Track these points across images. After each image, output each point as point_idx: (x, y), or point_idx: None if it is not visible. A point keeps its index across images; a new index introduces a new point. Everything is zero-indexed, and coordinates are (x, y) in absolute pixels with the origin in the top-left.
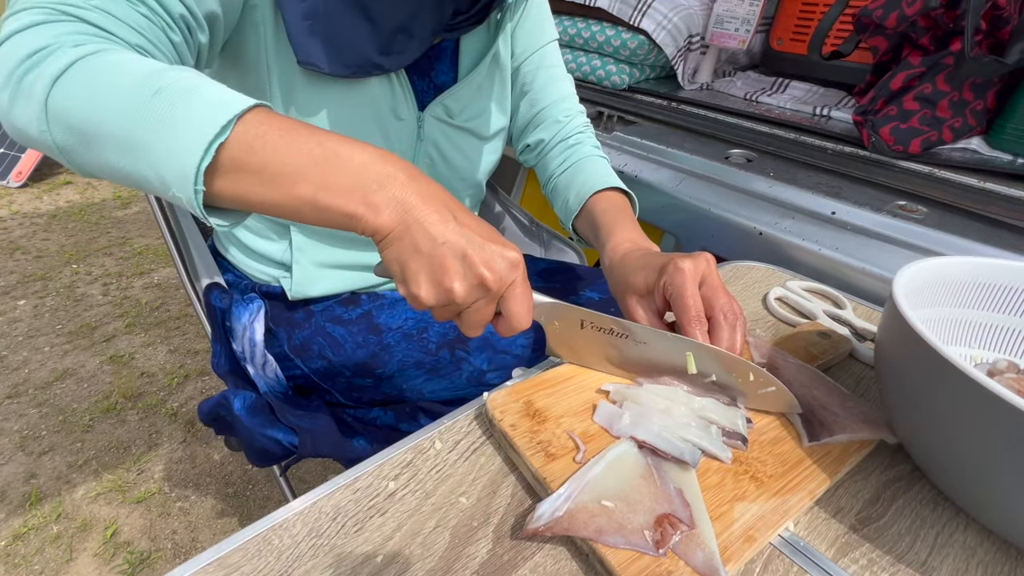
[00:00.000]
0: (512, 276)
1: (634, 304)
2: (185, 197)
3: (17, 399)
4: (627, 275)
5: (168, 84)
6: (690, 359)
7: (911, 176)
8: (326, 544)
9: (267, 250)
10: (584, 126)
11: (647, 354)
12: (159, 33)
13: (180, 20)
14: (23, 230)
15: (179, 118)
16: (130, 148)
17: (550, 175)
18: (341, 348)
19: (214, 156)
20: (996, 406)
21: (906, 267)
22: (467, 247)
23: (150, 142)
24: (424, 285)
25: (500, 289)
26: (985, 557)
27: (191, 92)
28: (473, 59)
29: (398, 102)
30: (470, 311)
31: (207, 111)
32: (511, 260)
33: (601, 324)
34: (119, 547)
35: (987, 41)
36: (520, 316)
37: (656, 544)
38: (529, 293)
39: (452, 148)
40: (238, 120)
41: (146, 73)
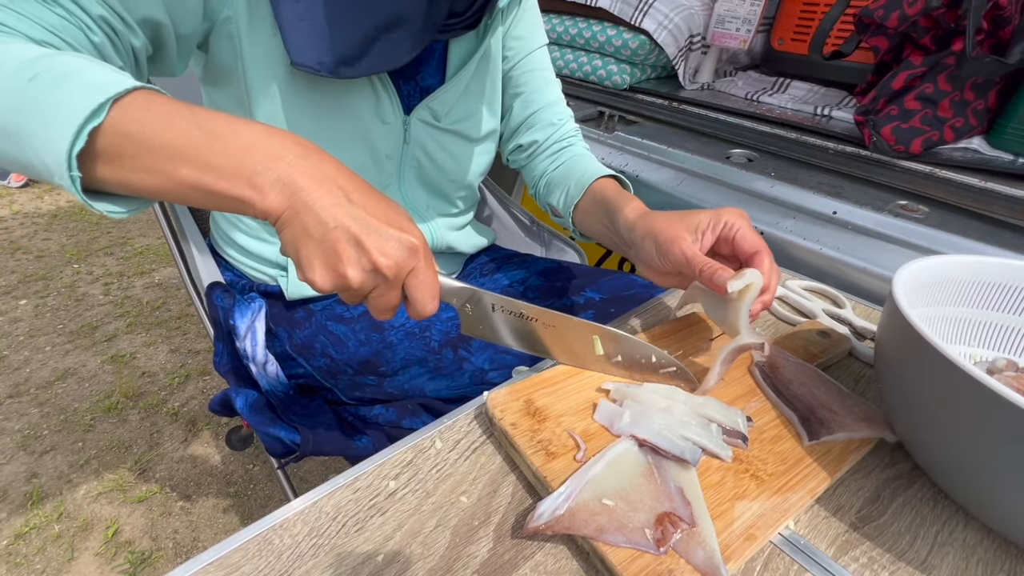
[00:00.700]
0: (410, 262)
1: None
2: (65, 184)
3: (18, 399)
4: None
5: (46, 69)
6: (596, 342)
7: (912, 176)
8: (327, 544)
9: (262, 251)
10: (575, 130)
11: (556, 337)
12: (76, 32)
13: (101, 21)
14: (24, 230)
15: (53, 103)
16: (12, 136)
17: (542, 172)
18: (344, 346)
19: (89, 141)
20: (995, 404)
21: (906, 266)
22: (360, 232)
23: (29, 128)
24: (318, 271)
25: (398, 275)
26: (985, 555)
27: (68, 76)
28: (461, 61)
29: (382, 106)
30: (372, 296)
31: (81, 94)
32: (408, 245)
33: (511, 308)
34: (120, 546)
35: (988, 41)
36: (423, 302)
37: (657, 543)
38: (431, 278)
39: (440, 151)
40: (113, 103)
41: (27, 59)
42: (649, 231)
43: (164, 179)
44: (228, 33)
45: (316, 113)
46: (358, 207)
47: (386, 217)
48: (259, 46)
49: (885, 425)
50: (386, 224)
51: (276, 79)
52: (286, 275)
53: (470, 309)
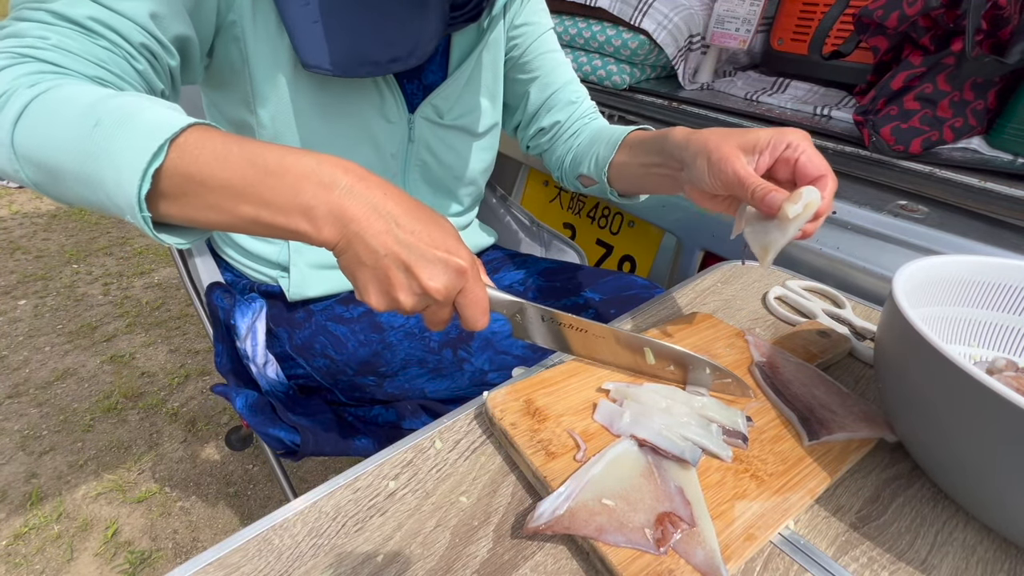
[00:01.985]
0: (459, 283)
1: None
2: (138, 223)
3: (18, 399)
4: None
5: (107, 114)
6: (648, 353)
7: (912, 176)
8: (326, 544)
9: (264, 252)
10: (594, 107)
11: (607, 347)
12: (122, 63)
13: (142, 48)
14: (23, 230)
15: (117, 149)
16: (86, 181)
17: (568, 149)
18: (344, 346)
19: (154, 182)
20: (995, 404)
21: (906, 266)
22: (408, 258)
23: (99, 174)
24: (373, 296)
25: (448, 297)
26: (985, 555)
27: (127, 120)
28: (463, 55)
29: (387, 106)
30: (427, 313)
31: (140, 138)
32: (455, 267)
33: (560, 320)
34: (120, 547)
35: (988, 41)
36: (473, 320)
37: (657, 543)
38: (480, 296)
39: (444, 148)
40: (171, 144)
41: (88, 104)
42: (703, 148)
43: (227, 216)
44: (234, 36)
45: (321, 113)
46: (406, 232)
47: (433, 240)
48: (264, 48)
49: (885, 425)
50: (434, 247)
51: (282, 80)
52: (287, 276)
53: (520, 319)
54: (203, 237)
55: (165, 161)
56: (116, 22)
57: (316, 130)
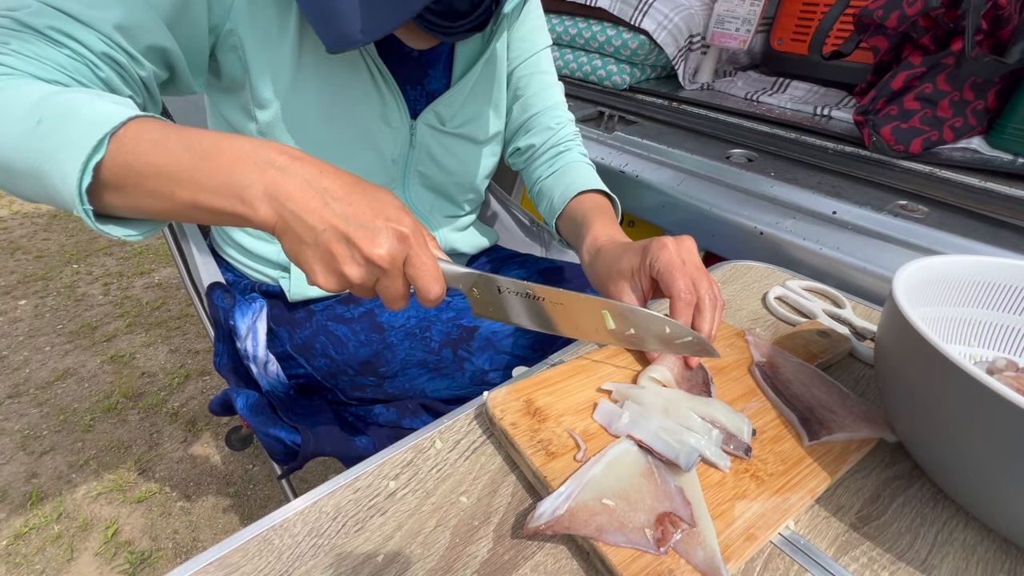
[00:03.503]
0: (403, 250)
1: (619, 288)
2: (84, 217)
3: (18, 399)
4: (610, 262)
5: (50, 109)
6: (607, 316)
7: (912, 176)
8: (327, 544)
9: (264, 251)
10: (573, 134)
11: (566, 314)
12: (84, 70)
13: (105, 57)
14: (23, 230)
15: (59, 144)
16: (35, 177)
17: (537, 178)
18: (344, 346)
19: (95, 175)
20: (996, 404)
21: (906, 266)
22: (347, 229)
23: (44, 170)
24: (320, 274)
25: (395, 264)
26: (985, 555)
27: (69, 115)
28: (467, 65)
29: (388, 110)
30: (379, 289)
31: (81, 132)
32: (396, 233)
33: (517, 289)
34: (120, 547)
35: (988, 41)
36: (427, 288)
37: (657, 543)
38: (429, 262)
39: (446, 154)
40: (111, 137)
41: (35, 101)
42: (596, 279)
43: (167, 202)
44: (232, 45)
45: (322, 117)
46: (343, 204)
47: (372, 209)
48: (264, 54)
49: (885, 425)
50: (372, 216)
51: (282, 86)
52: (288, 276)
53: (478, 293)
54: (153, 229)
55: (105, 154)
56: (77, 32)
57: (317, 134)
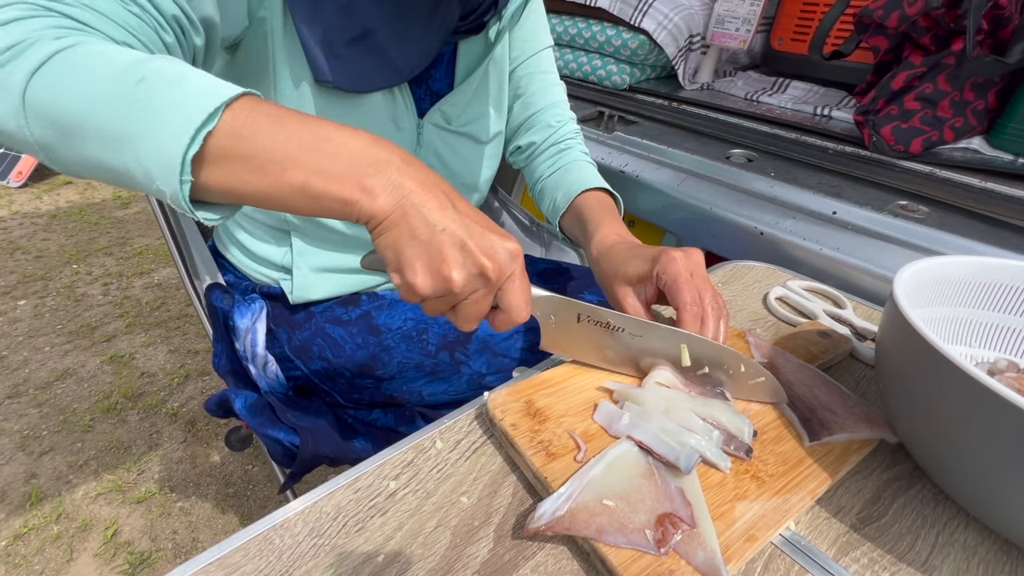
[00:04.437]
0: (512, 267)
1: (625, 292)
2: (170, 190)
3: (17, 399)
4: (617, 264)
5: (152, 72)
6: (684, 351)
7: (912, 176)
8: (327, 544)
9: (268, 253)
10: (575, 132)
11: (642, 347)
12: (150, 32)
13: (173, 20)
14: (23, 230)
15: (164, 106)
16: (113, 140)
17: (539, 176)
18: (341, 349)
19: (201, 145)
20: (996, 405)
21: (907, 266)
22: (466, 235)
23: (134, 132)
24: (421, 273)
25: (500, 279)
26: (986, 556)
27: (177, 80)
28: (470, 65)
29: (399, 112)
30: (467, 303)
31: (194, 99)
32: (511, 251)
33: (598, 318)
34: (120, 547)
35: (988, 41)
36: (519, 309)
37: (657, 543)
38: (528, 286)
39: (451, 153)
40: (226, 107)
41: (129, 62)
42: (602, 279)
43: (271, 181)
44: (263, 33)
45: (340, 116)
46: (463, 214)
47: (488, 224)
48: (291, 47)
49: (886, 426)
50: (487, 230)
51: (303, 81)
52: (289, 278)
53: (554, 320)
54: (232, 214)
55: (218, 124)
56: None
57: None
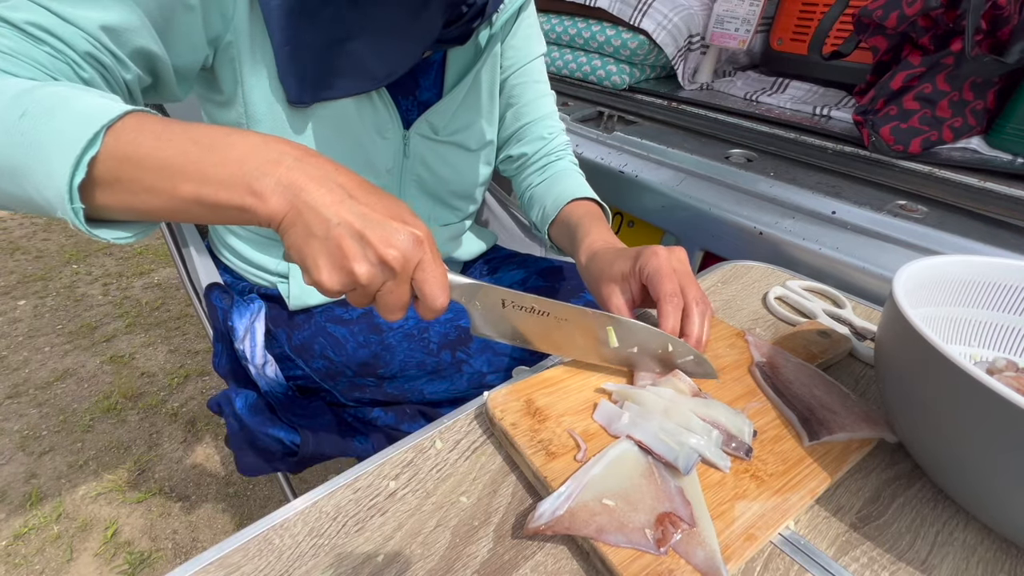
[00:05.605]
0: (417, 254)
1: (611, 290)
2: (68, 218)
3: (17, 399)
4: (603, 266)
5: (35, 102)
6: (611, 333)
7: (911, 176)
8: (327, 544)
9: (262, 261)
10: (565, 144)
11: (570, 331)
12: (65, 69)
13: (88, 57)
14: (23, 230)
15: (47, 137)
16: (11, 175)
17: (527, 186)
18: (342, 348)
19: (88, 171)
20: (996, 404)
21: (906, 266)
22: (364, 227)
23: (26, 166)
24: (325, 270)
25: (406, 268)
26: (985, 555)
27: (57, 108)
28: (459, 74)
29: (382, 121)
30: (381, 294)
31: (74, 125)
32: (414, 237)
33: (522, 303)
34: (120, 547)
35: (987, 41)
36: (434, 295)
37: (657, 543)
38: (440, 271)
39: (440, 163)
40: (107, 130)
41: (16, 94)
42: (590, 282)
43: (166, 197)
44: (230, 57)
45: (317, 130)
46: (360, 203)
47: (388, 211)
48: (260, 68)
49: (885, 425)
50: (389, 218)
51: (276, 100)
52: (287, 282)
53: (479, 306)
54: (143, 232)
55: (100, 147)
56: (60, 29)
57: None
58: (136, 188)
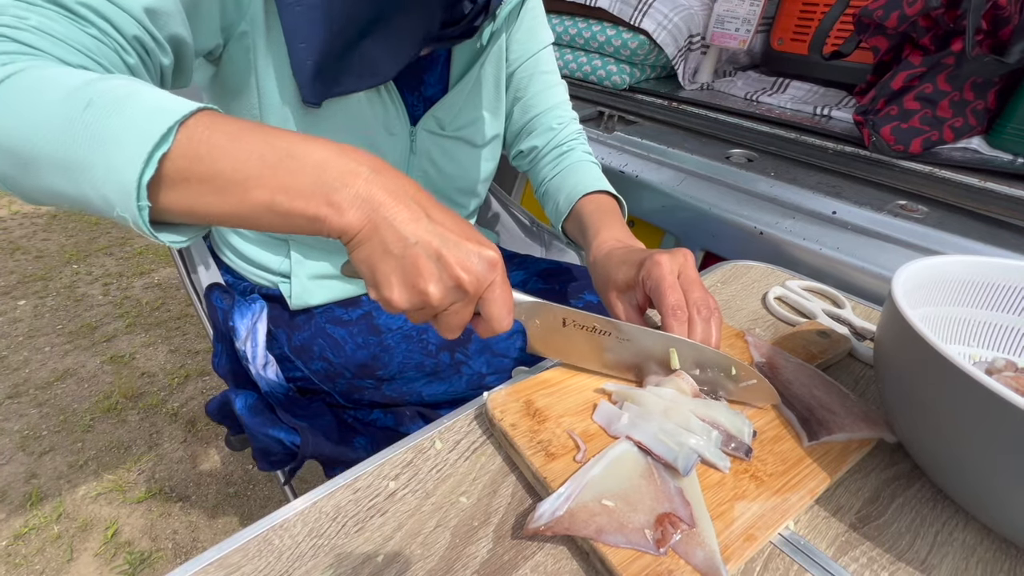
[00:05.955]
0: (490, 277)
1: (615, 299)
2: (130, 216)
3: (18, 399)
4: (608, 271)
5: (100, 94)
6: (673, 355)
7: (912, 176)
8: (326, 544)
9: (265, 260)
10: (577, 133)
11: (631, 351)
12: (111, 55)
13: (135, 41)
14: (23, 230)
15: (115, 130)
16: (68, 169)
17: (542, 180)
18: (341, 349)
19: (157, 168)
20: (994, 404)
21: (905, 266)
22: (441, 247)
23: (87, 160)
24: (397, 288)
25: (478, 291)
26: (985, 555)
27: (126, 100)
28: (463, 69)
29: (390, 118)
30: (447, 314)
31: (145, 120)
32: (489, 260)
33: (584, 322)
34: (120, 547)
35: (988, 41)
36: (500, 318)
37: (657, 543)
38: (509, 293)
39: (446, 159)
40: (180, 126)
41: (76, 85)
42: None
43: (235, 202)
44: (244, 47)
45: (326, 127)
46: (436, 223)
47: (464, 233)
48: (273, 61)
49: (885, 425)
50: (465, 239)
51: (289, 92)
52: (288, 282)
53: (539, 324)
54: (199, 234)
55: (172, 144)
56: (109, 10)
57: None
58: (205, 190)
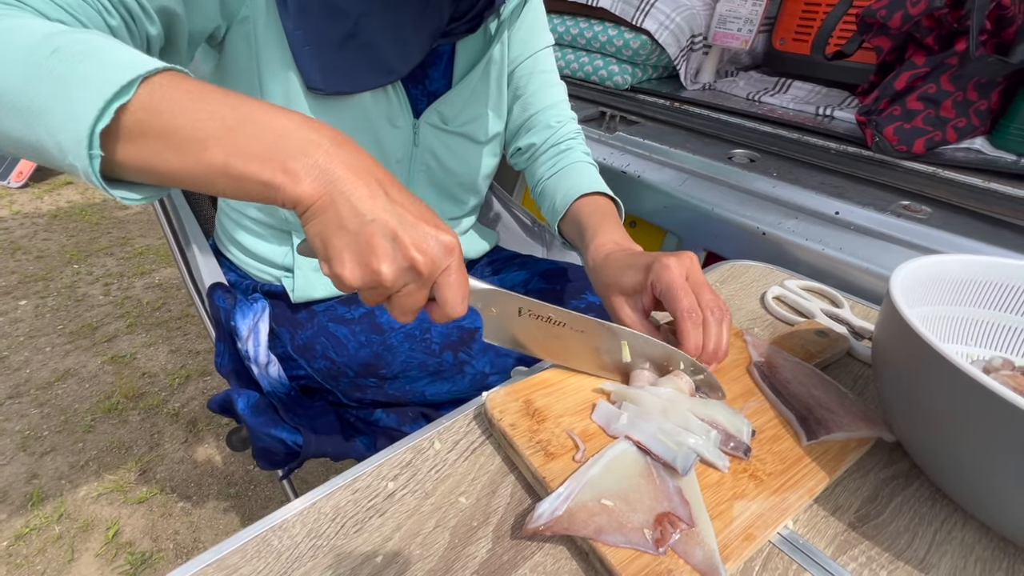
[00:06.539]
0: (446, 261)
1: (620, 303)
2: (81, 166)
3: (18, 399)
4: (613, 275)
5: (70, 43)
6: (625, 347)
7: (915, 176)
8: (325, 545)
9: (268, 253)
10: (575, 132)
11: (584, 342)
12: (92, 14)
13: (120, 5)
14: (24, 230)
15: (77, 77)
16: (25, 112)
17: (539, 179)
18: (344, 348)
19: (114, 118)
20: (992, 403)
21: (903, 265)
22: (398, 227)
23: (45, 104)
24: (349, 265)
25: (432, 274)
26: (983, 554)
27: (94, 51)
28: (468, 65)
29: (394, 111)
30: (400, 295)
31: (109, 70)
32: (445, 244)
33: (539, 312)
34: (121, 547)
35: (992, 41)
36: (454, 303)
37: (656, 543)
38: (464, 279)
39: (448, 154)
40: (143, 80)
41: (49, 33)
42: (600, 289)
43: (191, 161)
44: (245, 33)
45: (329, 117)
46: (395, 202)
47: (423, 215)
48: (274, 48)
49: (883, 425)
50: (422, 221)
51: (290, 80)
52: (291, 276)
53: (495, 312)
54: (154, 196)
55: (132, 98)
56: None
57: None
58: (160, 146)
